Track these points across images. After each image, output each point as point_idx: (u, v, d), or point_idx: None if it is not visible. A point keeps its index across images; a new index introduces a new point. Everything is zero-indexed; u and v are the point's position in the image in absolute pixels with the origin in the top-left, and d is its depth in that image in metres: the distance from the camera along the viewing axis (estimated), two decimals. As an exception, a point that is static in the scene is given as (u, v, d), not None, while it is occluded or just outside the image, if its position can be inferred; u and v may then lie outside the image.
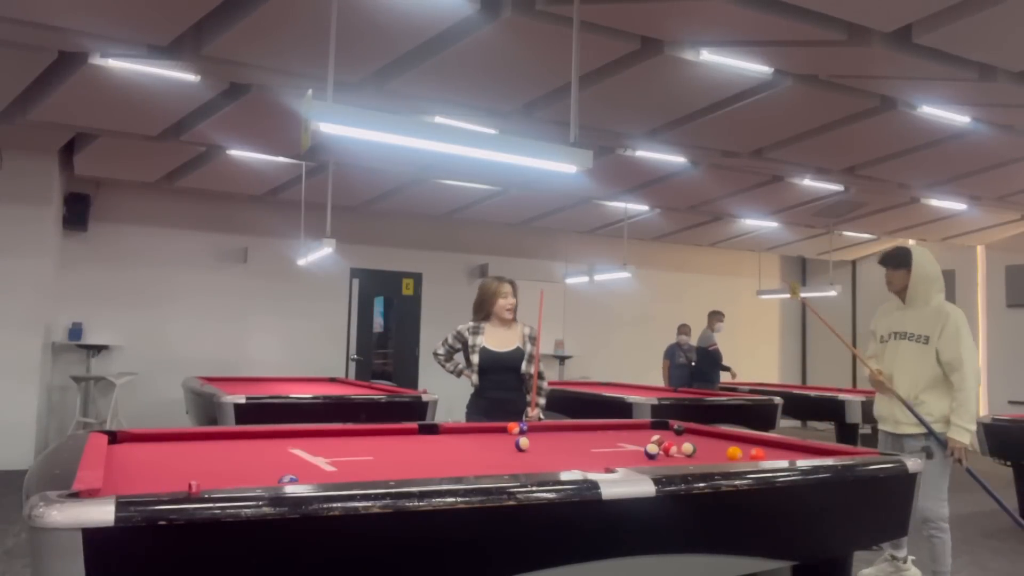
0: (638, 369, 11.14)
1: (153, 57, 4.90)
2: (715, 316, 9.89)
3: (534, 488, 2.15)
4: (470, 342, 4.42)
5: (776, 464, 2.89)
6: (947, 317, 3.97)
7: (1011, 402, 10.36)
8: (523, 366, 4.44)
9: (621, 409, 6.45)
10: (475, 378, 4.38)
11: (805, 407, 8.95)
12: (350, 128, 3.22)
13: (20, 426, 7.58)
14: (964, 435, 3.90)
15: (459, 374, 4.50)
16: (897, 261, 4.13)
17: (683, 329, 9.82)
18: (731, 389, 9.24)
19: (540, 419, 4.28)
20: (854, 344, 12.88)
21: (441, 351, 4.51)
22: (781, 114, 5.97)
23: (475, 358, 4.39)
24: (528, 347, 4.45)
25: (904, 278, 4.09)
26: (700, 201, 9.15)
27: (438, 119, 5.74)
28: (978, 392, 3.89)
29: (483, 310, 4.47)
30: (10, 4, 4.30)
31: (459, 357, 4.54)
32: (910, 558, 4.31)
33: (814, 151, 6.90)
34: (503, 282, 4.47)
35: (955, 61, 4.81)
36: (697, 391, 8.37)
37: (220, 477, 2.44)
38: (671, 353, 9.81)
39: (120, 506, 1.70)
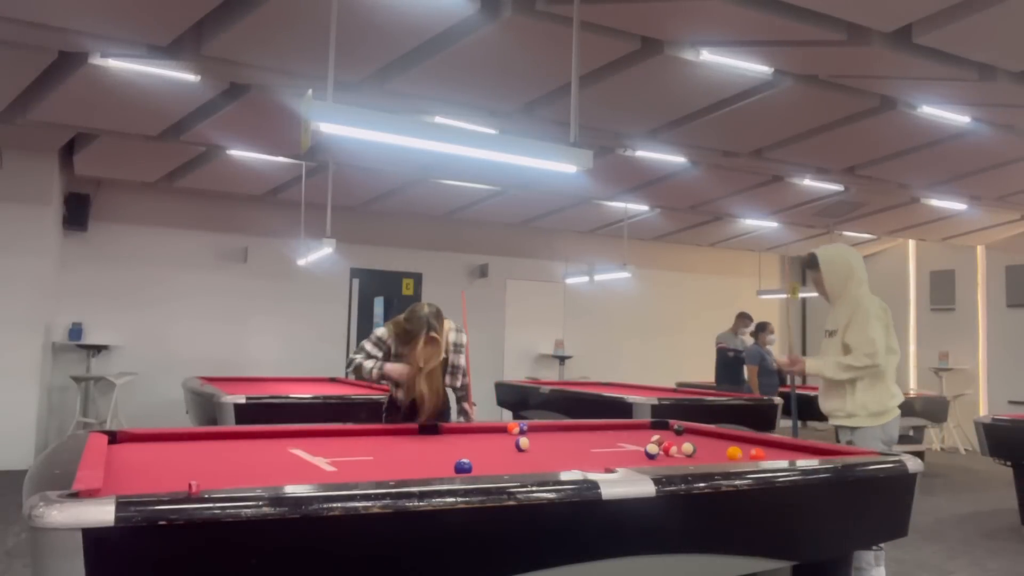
0: (638, 369, 11.15)
1: (153, 57, 4.90)
2: (744, 319, 9.08)
3: (534, 488, 2.15)
4: (394, 350, 4.03)
5: (776, 464, 2.89)
6: (857, 307, 4.00)
7: (1011, 402, 10.36)
8: (447, 379, 4.09)
9: (621, 409, 6.44)
10: (400, 394, 4.04)
11: (805, 407, 8.93)
12: (350, 128, 3.22)
13: (20, 426, 7.58)
14: (812, 366, 4.04)
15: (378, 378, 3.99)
16: (810, 264, 4.20)
17: (767, 327, 8.27)
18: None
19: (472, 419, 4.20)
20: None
21: (359, 358, 4.00)
22: (781, 114, 5.97)
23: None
24: (451, 356, 4.08)
25: (820, 279, 4.15)
26: (700, 201, 9.15)
27: (438, 119, 5.74)
28: (857, 376, 3.96)
29: (407, 343, 3.93)
30: (10, 4, 4.30)
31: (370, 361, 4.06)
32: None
33: (814, 151, 6.90)
34: (428, 334, 3.84)
35: (955, 61, 4.81)
36: (698, 391, 8.36)
37: (220, 477, 2.45)
38: (759, 357, 8.16)
39: (120, 506, 1.70)
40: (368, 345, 4.05)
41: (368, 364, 3.95)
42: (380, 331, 4.11)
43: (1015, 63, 4.95)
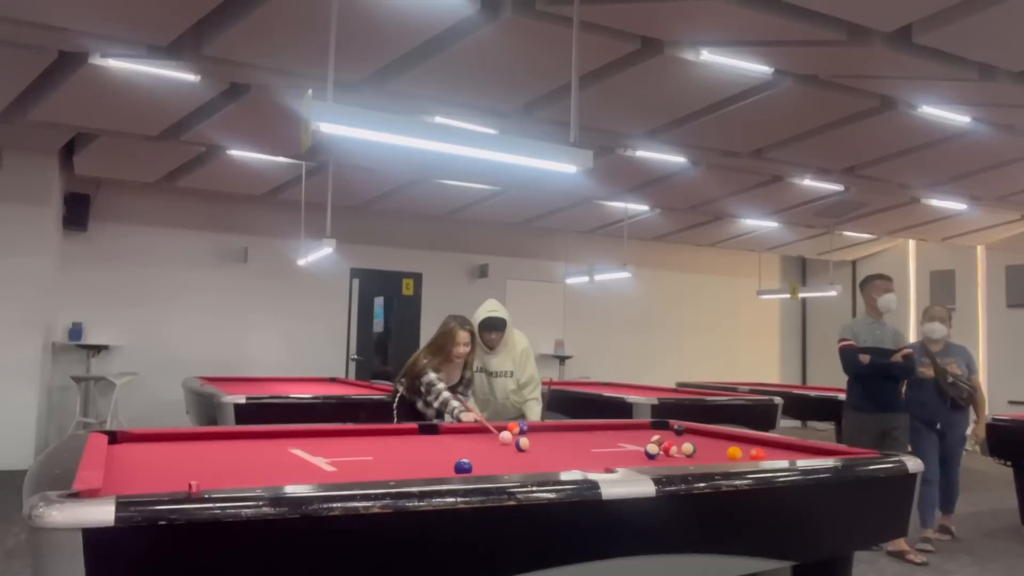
0: (638, 369, 11.14)
1: (153, 57, 4.89)
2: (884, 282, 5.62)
3: (534, 488, 2.15)
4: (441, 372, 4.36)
5: (776, 464, 2.89)
6: None
7: (1011, 402, 10.35)
8: (466, 372, 4.56)
9: (621, 409, 6.45)
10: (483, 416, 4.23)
11: (805, 407, 8.95)
12: (350, 128, 3.22)
13: (20, 426, 7.57)
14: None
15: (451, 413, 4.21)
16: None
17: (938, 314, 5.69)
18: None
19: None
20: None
21: (446, 395, 4.26)
22: (781, 114, 5.96)
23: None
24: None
25: None
26: (700, 201, 9.15)
27: (438, 119, 5.74)
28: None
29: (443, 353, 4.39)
30: (10, 4, 4.29)
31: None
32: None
33: (814, 151, 6.89)
34: (463, 328, 4.42)
35: (955, 61, 4.81)
36: (698, 391, 8.35)
37: (220, 477, 2.45)
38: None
39: (120, 506, 1.70)
40: (433, 376, 4.30)
41: (454, 403, 4.20)
42: (430, 376, 4.32)
43: (1015, 63, 4.94)
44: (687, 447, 3.22)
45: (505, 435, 3.42)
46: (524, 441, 3.25)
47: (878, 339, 5.24)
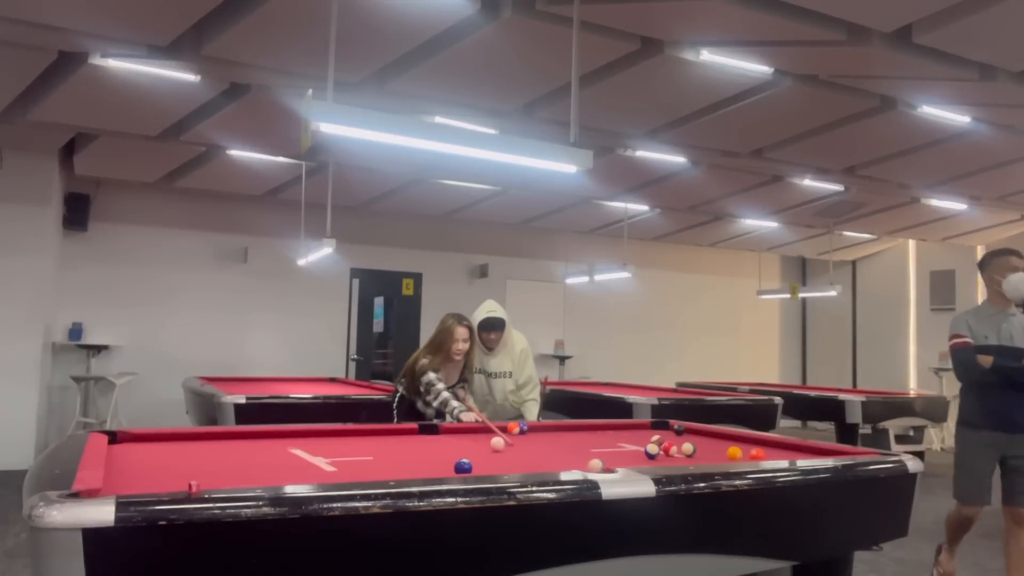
0: (638, 369, 11.14)
1: (153, 57, 4.90)
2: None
3: (534, 488, 2.15)
4: (440, 372, 4.37)
5: (776, 464, 2.89)
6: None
7: (1011, 402, 10.34)
8: (465, 372, 4.53)
9: (621, 409, 6.44)
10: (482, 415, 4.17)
11: (805, 407, 8.95)
12: (350, 128, 3.22)
13: (20, 426, 7.58)
14: None
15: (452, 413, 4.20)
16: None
17: None
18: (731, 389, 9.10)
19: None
20: (854, 345, 12.87)
21: (445, 395, 4.26)
22: (781, 114, 5.97)
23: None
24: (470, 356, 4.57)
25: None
26: (700, 201, 9.15)
27: (438, 119, 5.74)
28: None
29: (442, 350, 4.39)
30: (10, 4, 4.30)
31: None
32: None
33: (814, 151, 6.90)
34: (461, 324, 4.41)
35: (955, 61, 4.81)
36: (698, 391, 8.34)
37: (220, 477, 2.44)
38: None
39: (120, 506, 1.70)
40: (433, 377, 4.29)
41: (454, 403, 4.21)
42: (430, 376, 4.31)
43: (1015, 63, 4.95)
44: (687, 447, 3.22)
45: (496, 441, 3.31)
46: (497, 441, 3.23)
47: (1004, 334, 3.98)
